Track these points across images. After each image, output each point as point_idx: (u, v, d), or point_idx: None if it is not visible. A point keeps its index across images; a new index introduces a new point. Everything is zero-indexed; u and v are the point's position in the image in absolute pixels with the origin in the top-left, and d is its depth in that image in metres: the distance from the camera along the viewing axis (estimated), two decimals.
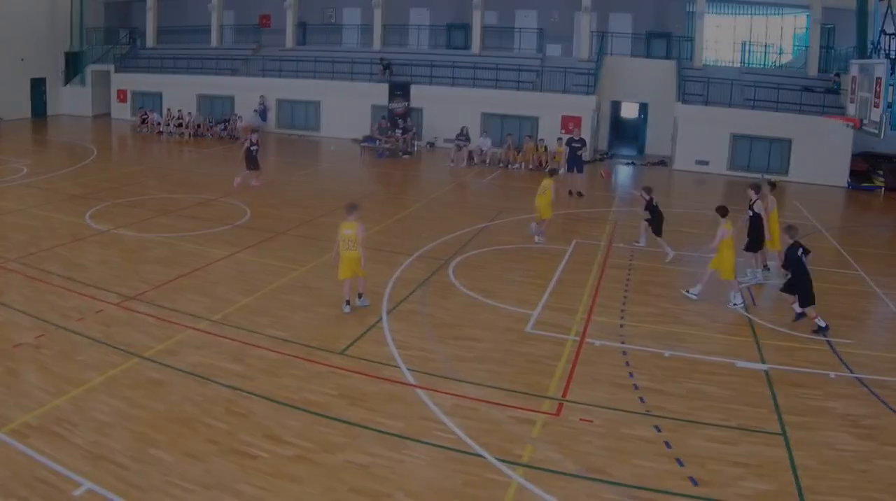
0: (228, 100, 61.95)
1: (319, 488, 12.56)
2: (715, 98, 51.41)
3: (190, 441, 13.78)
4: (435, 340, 19.30)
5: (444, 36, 65.53)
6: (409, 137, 54.05)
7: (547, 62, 58.51)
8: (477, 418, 15.37)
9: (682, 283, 25.38)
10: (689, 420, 15.76)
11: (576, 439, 14.77)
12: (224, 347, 18.12)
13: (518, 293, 23.39)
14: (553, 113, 52.25)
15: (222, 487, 12.40)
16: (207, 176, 40.30)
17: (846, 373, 18.44)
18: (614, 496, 12.94)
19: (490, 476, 13.29)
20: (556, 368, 18.01)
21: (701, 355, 19.25)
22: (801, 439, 15.16)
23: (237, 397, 15.59)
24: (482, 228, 30.92)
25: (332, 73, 60.19)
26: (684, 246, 28.96)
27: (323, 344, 18.65)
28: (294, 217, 31.31)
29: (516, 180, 45.30)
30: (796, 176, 48.89)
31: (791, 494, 13.21)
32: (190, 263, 24.43)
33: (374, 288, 22.77)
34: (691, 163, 50.81)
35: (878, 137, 27.72)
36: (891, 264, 30.77)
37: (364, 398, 15.93)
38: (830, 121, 39.41)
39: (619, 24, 60.87)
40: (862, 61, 31.08)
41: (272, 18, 67.59)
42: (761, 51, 61.85)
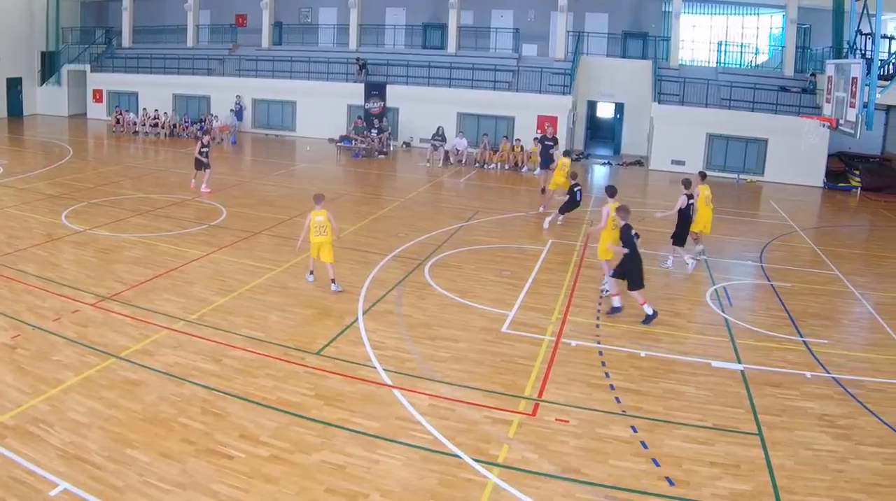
0: (204, 100, 61.95)
1: (295, 488, 12.54)
2: (691, 98, 51.68)
3: (166, 441, 13.73)
4: (411, 340, 19.30)
5: (420, 36, 65.71)
6: (385, 137, 54.06)
7: (523, 62, 58.86)
8: (453, 418, 15.37)
9: (657, 284, 25.49)
10: (666, 421, 15.82)
11: (552, 439, 14.78)
12: (200, 347, 18.08)
13: (494, 293, 23.40)
14: (529, 113, 52.40)
15: (198, 487, 12.38)
16: (183, 176, 40.06)
17: (822, 373, 18.51)
18: (590, 496, 12.95)
19: (466, 476, 13.29)
20: (533, 368, 18.04)
21: (677, 355, 19.34)
22: (778, 439, 15.24)
23: (213, 397, 15.57)
24: (458, 228, 30.97)
25: (308, 72, 60.28)
26: (660, 246, 29.03)
27: (299, 344, 18.66)
28: (270, 217, 31.27)
29: (492, 180, 45.39)
30: (772, 176, 49.21)
31: (767, 494, 13.25)
32: (166, 263, 24.39)
33: (350, 288, 22.94)
34: (667, 164, 51.01)
35: (853, 137, 27.84)
36: (867, 264, 30.94)
37: (340, 398, 15.91)
38: (806, 121, 39.54)
39: (595, 24, 61.00)
40: (838, 61, 31.20)
41: (248, 18, 67.52)
42: (737, 51, 62.29)
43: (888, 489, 13.59)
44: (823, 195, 47.56)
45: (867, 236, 37.97)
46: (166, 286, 22.26)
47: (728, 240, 32.76)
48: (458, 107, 55.69)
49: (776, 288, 25.59)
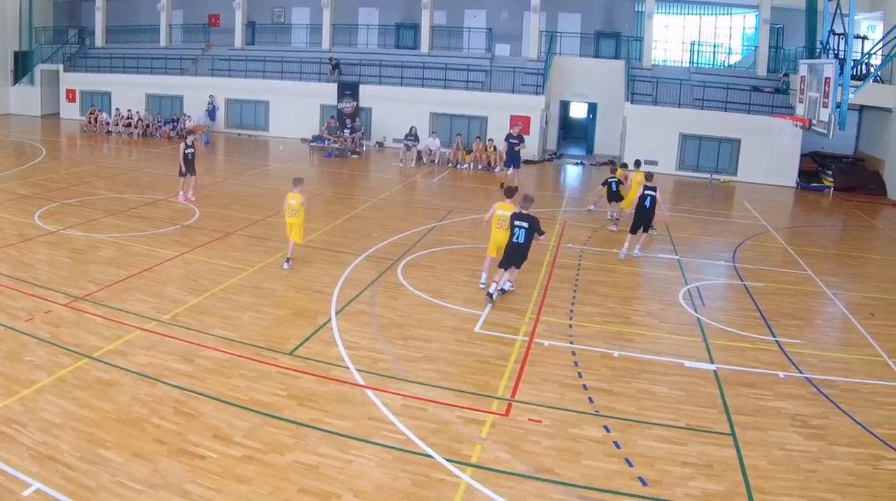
0: (177, 99, 61.76)
1: (268, 488, 12.51)
2: (664, 98, 51.97)
3: (138, 441, 13.67)
4: (384, 340, 19.27)
5: (393, 36, 65.81)
6: (358, 137, 54.05)
7: (496, 62, 59.07)
8: (426, 418, 15.34)
9: (632, 284, 25.60)
10: (639, 421, 15.82)
11: (525, 439, 14.77)
12: (173, 347, 17.99)
13: (467, 293, 23.35)
14: (502, 113, 52.29)
15: (171, 487, 12.32)
16: (156, 176, 40.06)
17: (795, 373, 18.56)
18: (563, 496, 12.95)
19: (439, 476, 13.27)
20: (505, 368, 18.02)
21: (650, 355, 19.34)
22: (750, 439, 15.27)
23: (186, 397, 15.49)
24: (431, 228, 30.95)
25: (280, 72, 60.22)
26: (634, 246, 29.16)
27: (272, 344, 18.59)
28: (243, 217, 31.24)
29: (465, 180, 45.42)
30: (745, 176, 49.45)
31: (740, 494, 13.28)
32: (139, 263, 24.28)
33: (323, 288, 22.94)
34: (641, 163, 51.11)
35: (826, 137, 27.95)
36: (840, 264, 31.07)
37: (313, 398, 15.87)
38: (779, 121, 39.71)
39: (568, 24, 61.23)
40: (811, 61, 31.30)
41: (221, 18, 67.43)
42: (710, 51, 62.65)
43: (861, 489, 13.64)
44: (796, 195, 47.76)
45: (840, 236, 38.12)
46: (139, 286, 22.17)
47: (701, 240, 32.92)
48: (430, 107, 55.79)
49: (749, 289, 25.66)
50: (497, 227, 22.86)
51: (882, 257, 32.49)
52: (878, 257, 32.65)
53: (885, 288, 27.04)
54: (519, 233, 22.08)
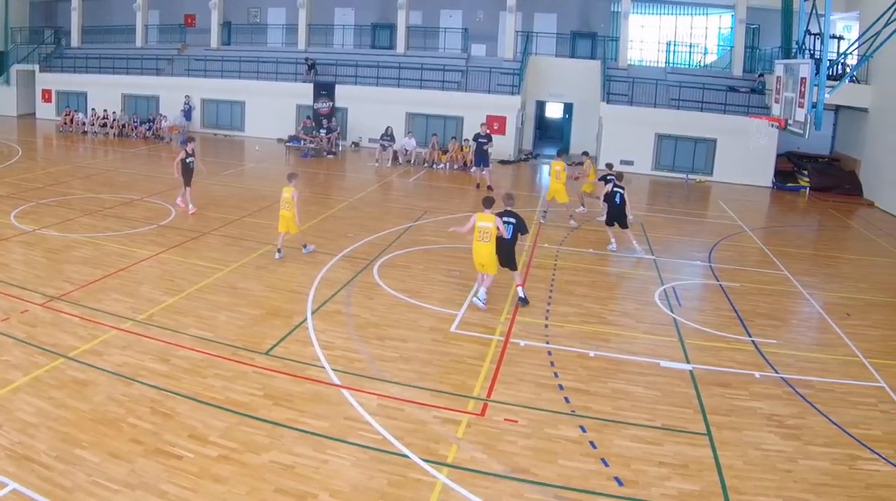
0: (153, 99, 61.63)
1: (244, 488, 12.49)
2: (640, 98, 52.18)
3: (114, 441, 13.63)
4: (360, 340, 19.25)
5: (369, 36, 65.94)
6: (334, 137, 54.05)
7: (472, 62, 59.17)
8: (402, 418, 15.34)
9: (608, 284, 25.67)
10: (614, 421, 15.83)
11: (501, 439, 14.78)
12: (149, 347, 17.94)
13: (443, 293, 23.40)
14: (478, 113, 52.13)
15: (147, 487, 12.29)
16: (132, 176, 39.96)
17: (771, 373, 18.58)
18: (539, 496, 12.96)
19: (415, 476, 13.26)
20: (481, 368, 18.02)
21: (626, 355, 19.33)
22: (726, 439, 15.30)
23: (162, 397, 15.43)
24: (407, 228, 30.92)
25: (256, 72, 60.16)
26: (608, 246, 29.27)
27: (248, 344, 18.56)
28: (219, 217, 31.18)
29: (441, 180, 45.39)
30: (721, 176, 49.63)
31: (716, 494, 13.30)
32: (115, 263, 24.21)
33: (299, 288, 22.93)
34: (616, 163, 51.06)
35: (802, 137, 28.01)
36: (815, 264, 31.14)
37: (289, 398, 15.86)
38: (755, 121, 39.82)
39: (544, 24, 61.43)
40: (787, 61, 31.32)
41: (197, 18, 67.46)
42: (686, 51, 62.72)
43: (836, 489, 13.67)
44: (772, 195, 47.91)
45: (816, 236, 38.23)
46: (115, 286, 22.09)
47: (677, 240, 32.97)
48: (406, 107, 55.86)
49: (725, 289, 25.71)
50: (479, 240, 21.62)
51: (858, 257, 32.59)
52: (854, 257, 32.76)
53: (860, 288, 27.13)
54: (507, 228, 22.14)
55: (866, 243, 35.35)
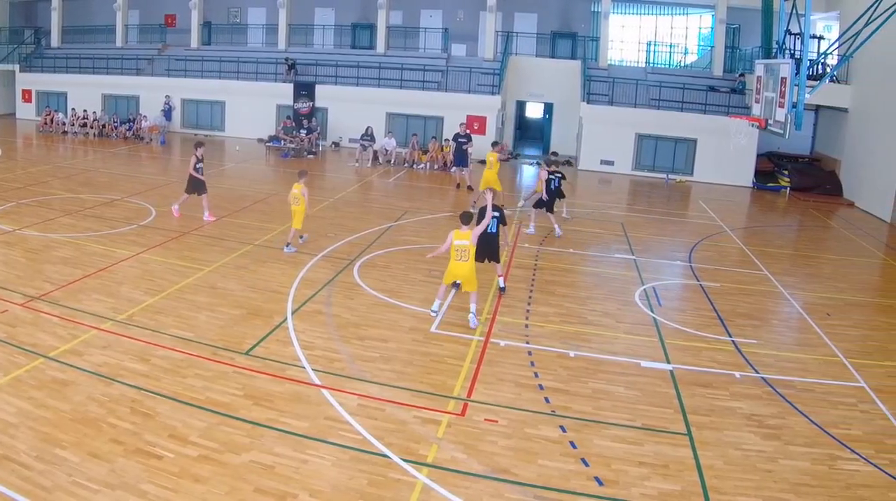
0: (134, 99, 61.38)
1: (224, 488, 12.48)
2: (620, 98, 52.26)
3: (95, 441, 13.60)
4: (340, 340, 19.26)
5: (350, 36, 65.81)
6: (314, 137, 54.03)
7: (452, 62, 59.15)
8: (382, 418, 15.35)
9: (588, 284, 25.71)
10: (595, 421, 15.87)
11: (481, 439, 14.81)
12: (129, 347, 17.91)
13: (423, 293, 23.36)
14: (458, 113, 51.96)
15: (127, 487, 12.27)
16: (112, 176, 39.86)
17: (752, 373, 18.64)
18: (519, 496, 12.99)
19: (395, 476, 13.28)
20: (462, 368, 18.06)
21: (606, 355, 19.37)
22: (707, 439, 15.36)
23: (142, 397, 15.41)
24: (387, 228, 30.88)
25: (237, 72, 60.01)
26: (589, 246, 29.31)
27: (228, 344, 18.56)
28: (199, 217, 31.04)
29: (421, 180, 45.38)
30: (701, 176, 49.77)
31: (696, 494, 13.34)
32: (95, 263, 24.15)
33: (279, 288, 22.95)
34: (596, 164, 51.46)
35: (783, 137, 28.05)
36: (796, 264, 31.22)
37: (269, 398, 15.86)
38: (735, 121, 39.94)
39: (525, 24, 61.54)
40: (767, 61, 31.33)
41: (177, 18, 67.32)
42: (666, 51, 62.97)
43: (817, 489, 13.72)
44: (752, 195, 48.07)
45: (796, 236, 38.34)
46: (95, 286, 22.05)
47: (657, 239, 33.02)
48: (386, 107, 55.85)
49: (705, 288, 25.78)
50: (456, 260, 20.44)
51: (838, 257, 32.66)
52: (834, 257, 32.83)
53: (840, 288, 27.22)
54: (492, 223, 22.42)
55: (846, 243, 35.43)
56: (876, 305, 26.18)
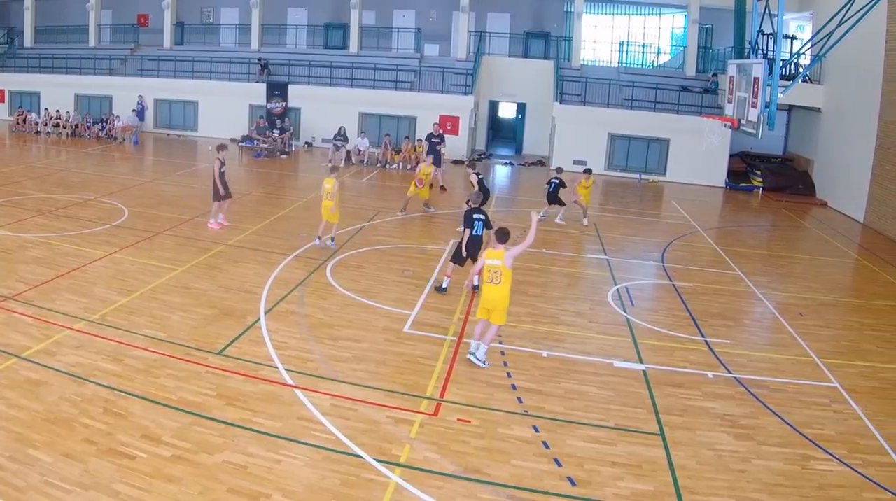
0: (106, 99, 61.21)
1: (197, 488, 12.46)
2: (593, 98, 52.70)
3: (68, 441, 13.56)
4: (313, 340, 19.26)
5: (322, 36, 66.08)
6: (287, 137, 54.07)
7: (425, 62, 59.78)
8: (355, 418, 15.36)
9: (561, 284, 25.77)
10: (568, 421, 15.91)
11: (454, 439, 14.83)
12: (102, 347, 17.84)
13: (396, 293, 23.44)
14: (431, 113, 52.26)
15: (100, 487, 12.24)
16: (85, 176, 39.75)
17: (724, 373, 18.68)
18: (492, 496, 13.01)
19: (368, 476, 13.28)
20: (434, 368, 18.09)
21: (579, 355, 19.39)
22: (679, 439, 15.41)
23: (115, 397, 15.36)
24: (360, 228, 30.87)
25: (209, 72, 60.06)
26: (561, 247, 29.38)
27: (201, 344, 18.51)
28: (172, 217, 31.05)
29: (394, 180, 45.41)
30: (674, 176, 50.01)
31: (669, 494, 13.40)
32: (68, 263, 24.04)
33: (252, 288, 22.89)
34: (569, 163, 51.32)
35: (755, 137, 28.13)
36: (768, 264, 31.34)
37: (242, 398, 15.84)
38: (708, 121, 40.06)
39: (497, 24, 61.88)
40: (740, 61, 31.42)
41: (150, 18, 67.21)
42: (639, 51, 63.17)
43: (790, 489, 13.81)
44: (725, 195, 48.41)
45: (769, 236, 38.52)
46: (68, 286, 21.96)
47: (630, 239, 33.14)
48: (359, 107, 56.05)
49: (678, 289, 25.85)
50: (487, 281, 18.24)
51: (811, 257, 32.80)
52: (807, 257, 32.98)
53: (813, 288, 27.33)
54: (478, 225, 23.03)
55: (819, 243, 35.60)
56: (849, 305, 26.28)
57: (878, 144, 39.72)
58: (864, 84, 41.14)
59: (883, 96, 39.37)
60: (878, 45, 38.99)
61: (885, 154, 39.06)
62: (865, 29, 29.22)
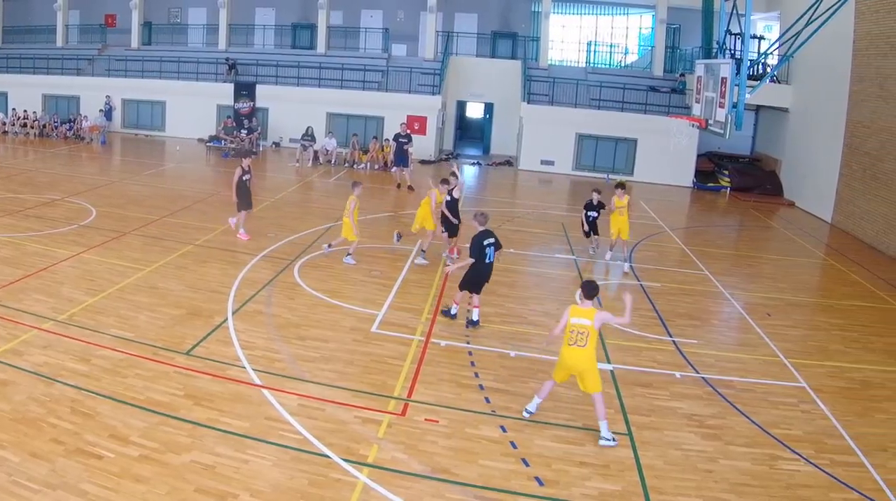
0: (74, 100, 60.81)
1: (165, 488, 12.46)
2: (560, 98, 52.72)
3: (35, 441, 13.56)
4: (280, 340, 19.31)
5: (290, 36, 65.77)
6: (255, 137, 53.94)
7: (392, 62, 59.63)
8: (323, 418, 15.42)
9: (529, 284, 25.77)
10: (535, 421, 16.01)
11: (421, 439, 14.92)
12: (69, 347, 17.83)
13: (364, 293, 23.53)
14: (398, 113, 52.20)
15: (68, 487, 12.24)
16: (53, 175, 39.56)
17: (692, 373, 18.78)
18: (460, 496, 13.10)
19: (336, 476, 13.34)
20: (402, 368, 18.16)
21: (547, 355, 19.26)
22: (647, 439, 15.54)
23: (82, 397, 15.37)
24: (328, 228, 30.77)
25: (177, 73, 59.73)
26: (529, 246, 29.43)
27: (168, 344, 18.50)
28: (139, 217, 30.92)
29: (362, 180, 45.10)
30: (642, 176, 50.13)
31: (637, 494, 13.52)
32: (35, 263, 23.96)
33: (220, 288, 22.96)
34: (537, 164, 51.72)
35: (723, 137, 28.19)
36: (736, 264, 31.54)
37: (209, 398, 15.85)
38: (676, 121, 40.16)
39: (465, 24, 61.90)
40: (707, 61, 31.43)
41: (118, 18, 66.78)
42: (607, 51, 63.25)
43: (757, 489, 13.96)
44: (693, 195, 48.65)
45: (737, 236, 38.77)
46: (36, 286, 21.90)
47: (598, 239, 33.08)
48: (327, 107, 55.90)
49: (646, 289, 25.95)
50: (569, 343, 15.40)
51: (778, 257, 32.95)
52: (775, 257, 33.14)
53: (780, 288, 27.48)
54: (489, 252, 21.03)
55: (787, 243, 35.77)
56: (816, 305, 26.48)
57: (845, 144, 39.91)
58: (832, 84, 41.33)
59: (850, 96, 39.55)
60: (845, 45, 39.17)
61: (852, 154, 39.25)
62: (833, 29, 29.34)
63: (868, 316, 25.47)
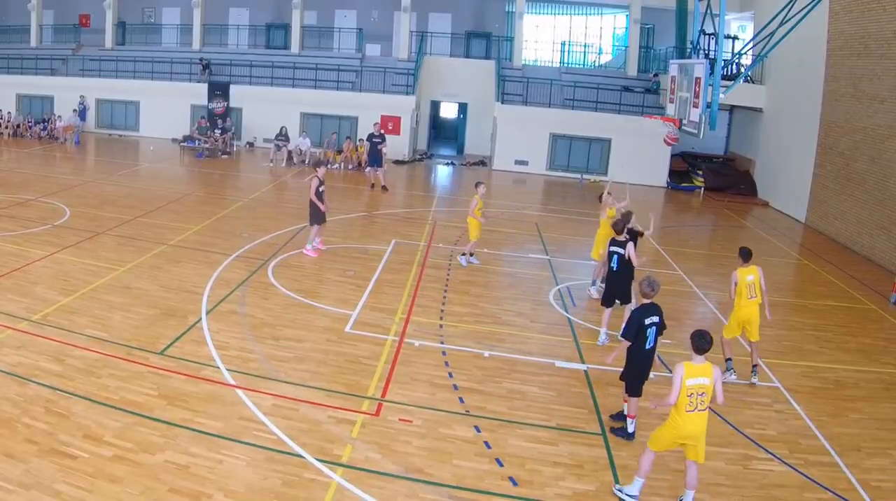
0: (48, 100, 60.53)
1: (139, 488, 12.44)
2: (534, 98, 52.71)
3: (9, 441, 13.52)
4: (254, 340, 19.30)
5: (264, 36, 65.73)
6: (228, 137, 53.75)
7: (366, 62, 59.45)
8: (296, 418, 15.42)
9: (503, 284, 25.81)
10: (509, 421, 16.06)
11: (395, 439, 14.94)
12: (43, 347, 17.77)
13: (338, 293, 23.54)
14: (372, 113, 51.84)
15: (41, 487, 12.22)
16: (26, 176, 39.39)
17: (667, 373, 18.66)
18: (434, 496, 13.12)
19: (310, 476, 13.35)
20: (376, 368, 18.16)
21: (521, 355, 19.57)
22: (621, 439, 15.58)
23: (57, 397, 15.31)
24: (302, 228, 30.55)
25: (151, 73, 59.49)
26: (503, 246, 29.47)
27: (142, 344, 18.45)
28: (113, 217, 30.80)
29: (336, 180, 45.18)
30: (616, 176, 49.84)
31: (610, 494, 13.58)
32: (8, 263, 23.86)
33: (194, 288, 22.89)
34: (511, 164, 51.77)
35: (697, 137, 28.26)
36: (710, 264, 31.68)
37: (183, 398, 15.83)
38: (650, 121, 40.25)
39: (439, 24, 61.93)
40: (681, 61, 31.55)
41: (91, 18, 66.51)
42: (581, 51, 63.28)
43: (730, 489, 14.05)
44: (667, 195, 48.62)
45: (710, 236, 38.94)
46: (9, 286, 21.84)
47: (571, 240, 33.26)
48: (301, 107, 55.61)
49: None
50: (687, 409, 12.86)
51: (752, 257, 33.01)
52: None
53: None
54: (652, 334, 16.12)
55: (761, 243, 35.73)
56: (790, 305, 26.51)
57: (819, 144, 40.06)
58: (806, 84, 41.47)
59: (824, 96, 39.69)
60: (819, 45, 39.31)
61: (826, 154, 39.40)
62: (807, 29, 29.45)
63: (842, 315, 25.67)
